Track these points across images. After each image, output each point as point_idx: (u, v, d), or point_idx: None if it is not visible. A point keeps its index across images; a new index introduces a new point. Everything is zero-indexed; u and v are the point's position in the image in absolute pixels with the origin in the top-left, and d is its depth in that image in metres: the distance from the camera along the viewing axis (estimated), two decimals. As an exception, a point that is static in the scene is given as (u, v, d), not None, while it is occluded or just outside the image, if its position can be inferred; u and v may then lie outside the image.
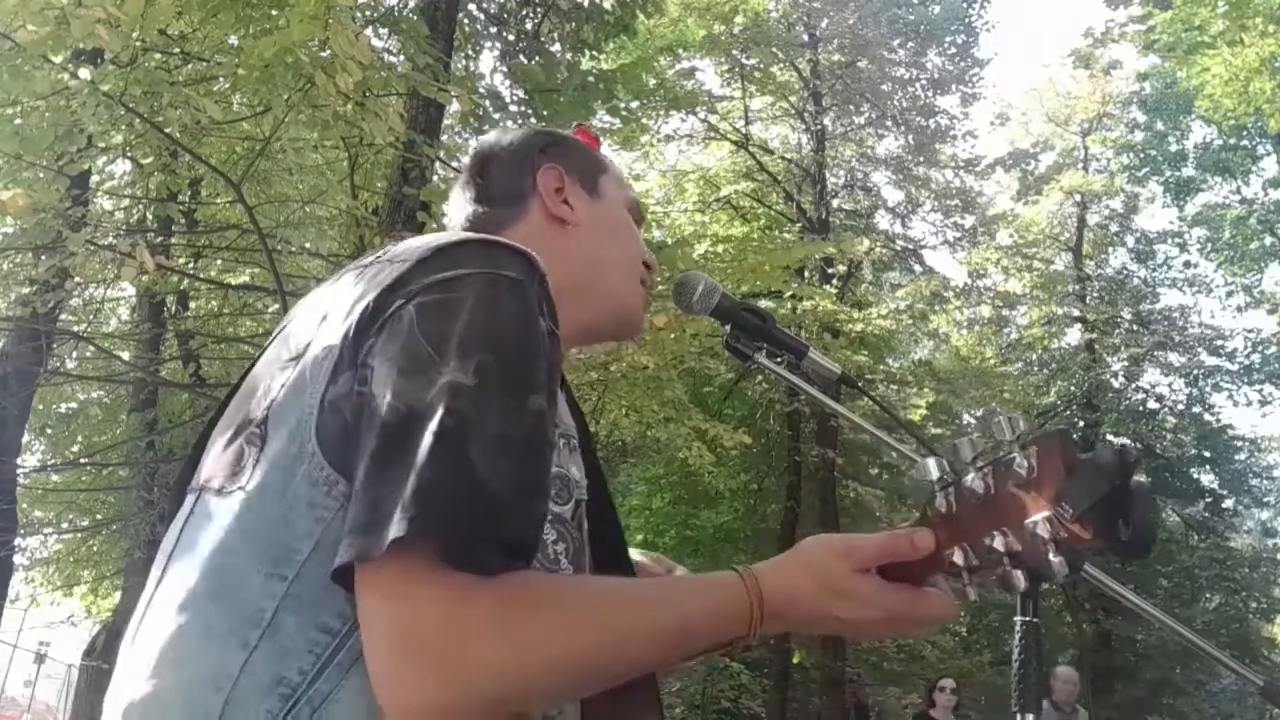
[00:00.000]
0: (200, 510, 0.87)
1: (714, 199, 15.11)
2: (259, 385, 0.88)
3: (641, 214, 1.20)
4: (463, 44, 7.62)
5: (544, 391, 0.80)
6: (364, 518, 0.72)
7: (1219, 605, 17.41)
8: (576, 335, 1.12)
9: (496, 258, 0.85)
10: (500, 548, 0.74)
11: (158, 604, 0.86)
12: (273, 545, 0.79)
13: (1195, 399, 18.87)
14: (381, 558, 0.70)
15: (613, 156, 1.30)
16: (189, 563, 0.84)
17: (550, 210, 1.10)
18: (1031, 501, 0.80)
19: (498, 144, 1.17)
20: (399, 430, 0.74)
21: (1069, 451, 0.79)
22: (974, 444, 0.85)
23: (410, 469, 0.72)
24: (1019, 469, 0.80)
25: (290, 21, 3.95)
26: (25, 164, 5.49)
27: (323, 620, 0.77)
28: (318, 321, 0.87)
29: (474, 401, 0.75)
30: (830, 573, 0.86)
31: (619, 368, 8.05)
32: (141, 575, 0.93)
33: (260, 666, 0.77)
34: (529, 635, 0.74)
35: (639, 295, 1.15)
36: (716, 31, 14.44)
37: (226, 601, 0.80)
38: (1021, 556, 0.80)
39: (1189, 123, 18.43)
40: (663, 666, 0.86)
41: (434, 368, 0.76)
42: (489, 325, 0.80)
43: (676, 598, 0.85)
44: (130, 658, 0.85)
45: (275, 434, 0.82)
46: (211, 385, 7.42)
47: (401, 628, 0.71)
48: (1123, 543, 0.76)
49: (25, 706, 18.15)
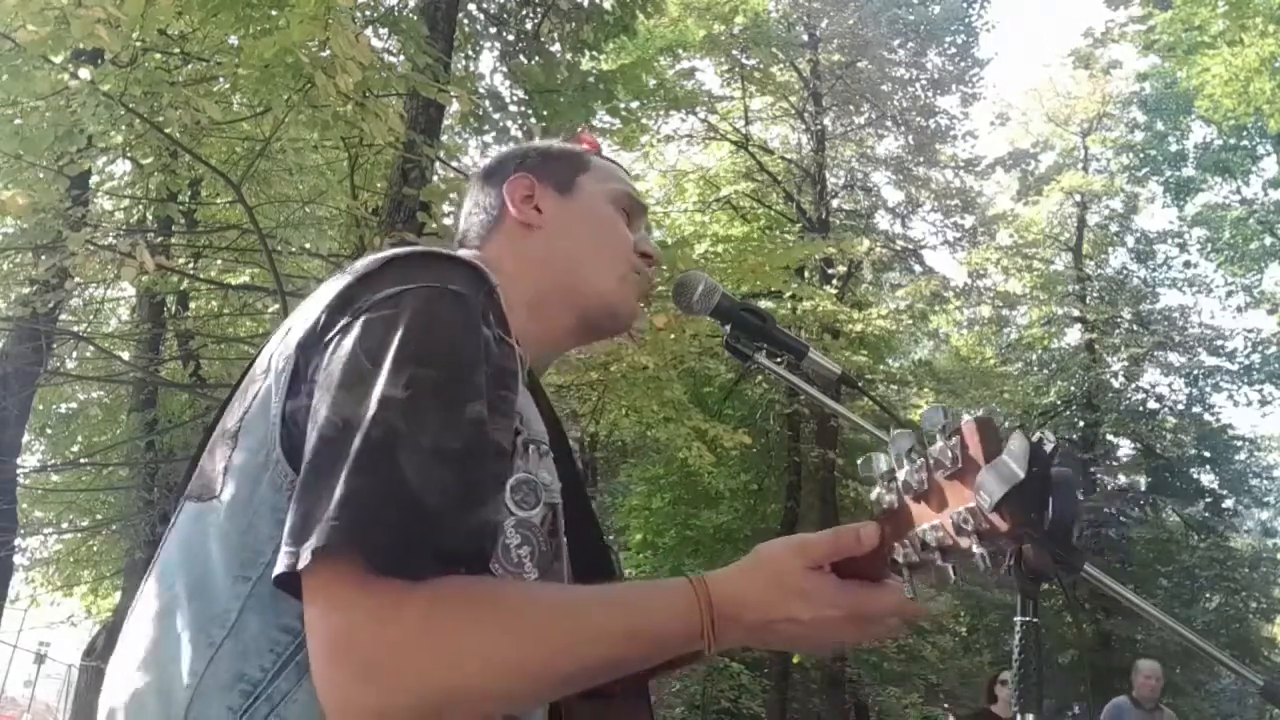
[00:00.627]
0: (184, 517, 0.90)
1: (714, 199, 15.12)
2: (240, 394, 0.92)
3: (636, 203, 1.18)
4: (463, 44, 7.62)
5: (483, 400, 0.81)
6: (295, 528, 0.74)
7: (1219, 605, 17.40)
8: (570, 337, 1.12)
9: (441, 271, 0.87)
10: (434, 555, 0.74)
11: (141, 608, 0.89)
12: (241, 549, 0.82)
13: (1195, 399, 18.88)
14: (312, 566, 0.72)
15: (613, 157, 1.28)
16: (171, 568, 0.88)
17: (517, 218, 1.12)
18: (955, 493, 0.78)
19: (483, 167, 1.22)
20: (333, 442, 0.76)
21: (991, 438, 0.76)
22: (910, 435, 0.84)
23: (337, 479, 0.73)
24: (944, 458, 0.79)
25: (290, 22, 3.95)
26: (25, 164, 5.49)
27: (284, 621, 0.79)
28: (285, 332, 0.90)
29: (406, 413, 0.76)
30: (784, 573, 0.86)
31: (619, 368, 8.04)
32: (141, 575, 0.96)
33: (224, 664, 0.80)
34: (460, 639, 0.74)
35: (627, 285, 1.13)
36: (716, 31, 14.43)
37: (200, 604, 0.83)
38: (950, 550, 0.79)
39: (1189, 123, 18.44)
40: (615, 674, 0.84)
41: (369, 380, 0.78)
42: (425, 337, 0.81)
43: (622, 602, 0.85)
44: (117, 660, 0.89)
45: (244, 444, 0.86)
46: (211, 385, 7.42)
47: (335, 635, 0.73)
48: (1044, 533, 0.74)
49: (25, 706, 18.14)
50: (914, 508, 0.83)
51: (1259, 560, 18.44)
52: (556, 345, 1.13)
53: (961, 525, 0.77)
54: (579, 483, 1.01)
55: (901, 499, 0.84)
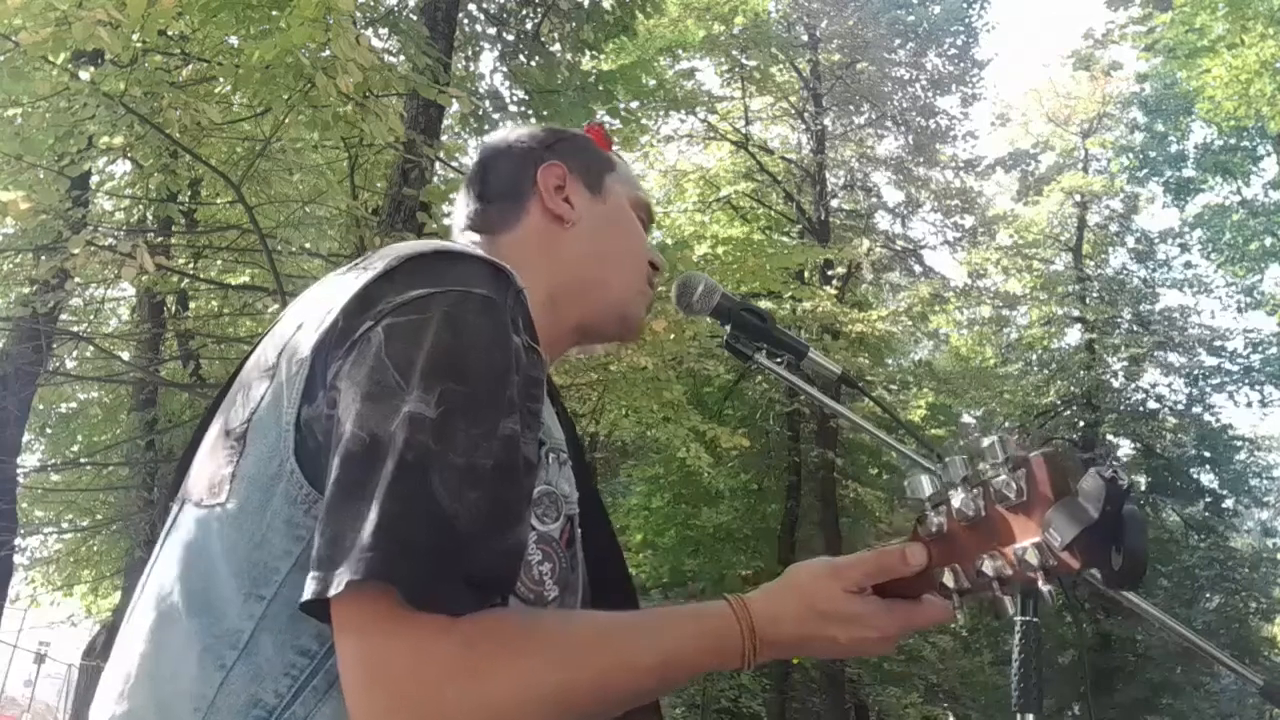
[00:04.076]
0: (182, 521, 0.86)
1: (714, 199, 15.12)
2: (241, 392, 0.87)
3: (651, 216, 1.17)
4: (463, 44, 7.62)
5: (516, 414, 0.78)
6: (324, 551, 0.71)
7: (1219, 605, 17.40)
8: (574, 336, 1.10)
9: (468, 273, 0.82)
10: (468, 585, 0.72)
11: (137, 617, 0.85)
12: (252, 564, 0.78)
13: (1195, 399, 18.88)
14: (344, 595, 0.69)
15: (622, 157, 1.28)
16: (168, 576, 0.83)
17: (549, 207, 1.07)
18: (1020, 526, 0.78)
19: (503, 141, 1.14)
20: (362, 460, 0.72)
21: (1059, 474, 0.77)
22: (965, 462, 0.84)
23: (370, 502, 0.70)
24: (1007, 491, 0.79)
25: (291, 24, 3.95)
26: (26, 165, 5.48)
27: (300, 643, 0.76)
28: (295, 329, 0.85)
29: (437, 432, 0.73)
30: (821, 596, 0.85)
31: (619, 368, 8.04)
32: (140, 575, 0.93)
33: (236, 688, 0.76)
34: (498, 676, 0.72)
35: (641, 296, 1.12)
36: (716, 32, 14.43)
37: (204, 619, 0.79)
38: (1011, 581, 0.79)
39: (1189, 123, 18.43)
40: (653, 696, 0.83)
41: (399, 395, 0.74)
42: (456, 349, 0.77)
43: (662, 630, 0.82)
44: (110, 671, 0.85)
45: (253, 448, 0.81)
46: (211, 385, 7.43)
47: (372, 667, 0.70)
48: (1115, 571, 0.74)
49: (25, 706, 18.13)
50: (966, 535, 0.83)
51: (1259, 560, 18.44)
52: (563, 344, 1.10)
53: (1026, 560, 0.77)
54: (595, 490, 1.00)
55: (953, 524, 0.84)
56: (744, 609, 0.84)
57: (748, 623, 0.83)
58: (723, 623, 0.83)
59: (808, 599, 0.86)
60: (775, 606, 0.85)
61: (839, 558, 0.89)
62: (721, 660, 0.83)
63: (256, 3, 4.59)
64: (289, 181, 7.22)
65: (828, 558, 0.90)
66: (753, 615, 0.84)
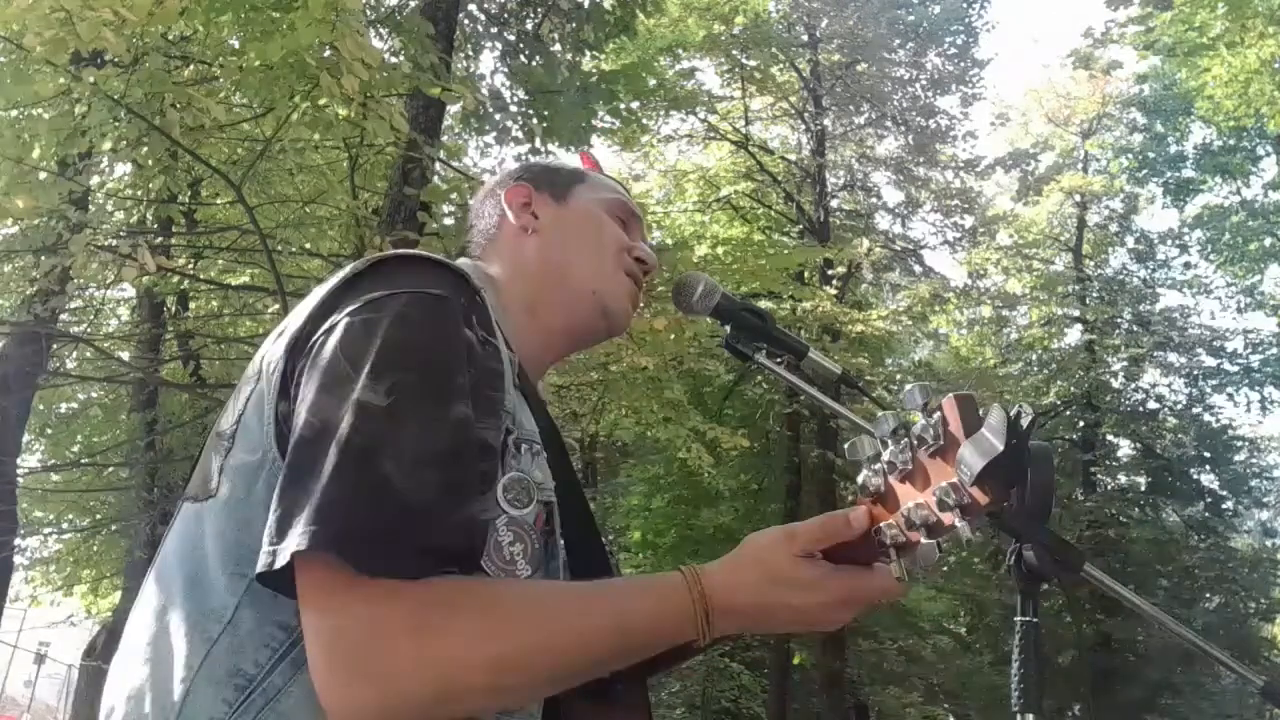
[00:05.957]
0: (183, 517, 0.93)
1: (714, 199, 15.11)
2: (232, 398, 0.94)
3: (632, 212, 1.21)
4: (463, 44, 7.61)
5: (466, 400, 0.83)
6: (274, 528, 0.76)
7: (1219, 606, 17.39)
8: (564, 340, 1.15)
9: (424, 275, 0.89)
10: (421, 553, 0.75)
11: (141, 606, 0.92)
12: (237, 545, 0.84)
13: (1195, 399, 18.87)
14: (298, 568, 0.74)
15: (612, 164, 1.31)
16: (169, 566, 0.90)
17: (514, 222, 1.15)
18: (938, 470, 0.78)
19: (484, 187, 1.26)
20: (312, 443, 0.78)
21: (970, 413, 0.76)
22: (895, 416, 0.83)
23: (318, 481, 0.75)
24: (926, 435, 0.79)
25: (296, 25, 3.95)
26: (27, 167, 5.48)
27: (280, 618, 0.81)
28: (277, 335, 0.92)
29: (387, 419, 0.78)
30: (774, 562, 0.87)
31: (619, 368, 8.04)
32: (141, 575, 0.98)
33: (219, 658, 0.81)
34: (451, 636, 0.75)
35: (619, 285, 1.15)
36: (716, 32, 14.43)
37: (196, 599, 0.85)
38: (936, 527, 0.78)
39: (1188, 124, 18.43)
40: (612, 666, 0.85)
41: (349, 384, 0.80)
42: (406, 343, 0.83)
43: (615, 595, 0.86)
44: (119, 657, 0.91)
45: (241, 445, 0.88)
46: (212, 386, 7.44)
47: (329, 637, 0.74)
48: (1024, 505, 0.74)
49: (25, 706, 18.12)
50: (899, 488, 0.82)
51: (1259, 561, 18.43)
52: (553, 348, 1.15)
53: (944, 501, 0.76)
54: (575, 481, 1.02)
55: (887, 480, 0.83)
56: (695, 578, 0.86)
57: (699, 590, 0.85)
58: (674, 590, 0.85)
59: (763, 566, 0.87)
60: (730, 575, 0.87)
61: (794, 524, 0.90)
62: (677, 628, 0.84)
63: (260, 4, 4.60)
64: (289, 182, 7.23)
65: (783, 525, 0.91)
66: (706, 584, 0.85)
